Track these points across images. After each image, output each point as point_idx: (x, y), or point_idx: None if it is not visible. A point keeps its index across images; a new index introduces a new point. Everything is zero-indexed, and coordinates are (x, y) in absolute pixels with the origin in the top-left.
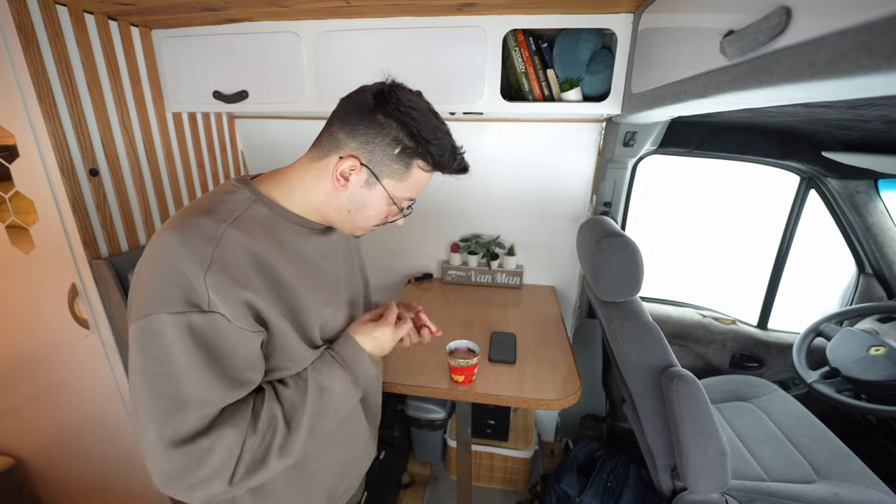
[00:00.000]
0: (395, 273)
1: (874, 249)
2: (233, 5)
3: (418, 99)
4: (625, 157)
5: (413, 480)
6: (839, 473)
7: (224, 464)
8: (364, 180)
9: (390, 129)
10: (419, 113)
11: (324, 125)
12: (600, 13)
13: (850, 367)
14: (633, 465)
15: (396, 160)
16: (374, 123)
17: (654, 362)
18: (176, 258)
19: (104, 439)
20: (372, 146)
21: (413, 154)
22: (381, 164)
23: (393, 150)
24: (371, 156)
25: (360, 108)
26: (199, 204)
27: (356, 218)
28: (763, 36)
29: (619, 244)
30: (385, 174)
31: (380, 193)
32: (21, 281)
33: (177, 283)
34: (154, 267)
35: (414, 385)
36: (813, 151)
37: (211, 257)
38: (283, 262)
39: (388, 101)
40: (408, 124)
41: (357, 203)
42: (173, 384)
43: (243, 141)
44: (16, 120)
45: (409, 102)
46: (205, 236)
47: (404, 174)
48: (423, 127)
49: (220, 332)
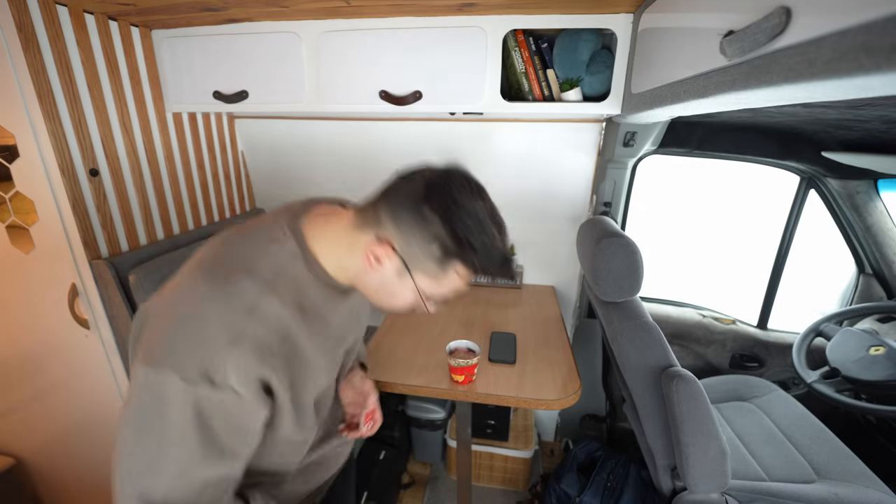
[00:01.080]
0: None
1: (874, 249)
2: (233, 5)
3: (476, 201)
4: (625, 157)
5: (413, 480)
6: (839, 473)
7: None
8: (396, 269)
9: (433, 226)
10: (472, 217)
11: (377, 192)
12: (600, 13)
13: (849, 367)
14: (633, 465)
15: (435, 261)
16: (418, 214)
17: (654, 362)
18: (207, 324)
19: (104, 439)
20: (409, 237)
21: (454, 256)
22: (416, 258)
23: (430, 246)
24: (407, 247)
25: (408, 193)
26: (244, 254)
27: (383, 299)
28: (763, 36)
29: (619, 244)
30: (419, 269)
31: (410, 288)
32: (21, 281)
33: (199, 349)
34: (183, 321)
35: (414, 385)
36: (813, 151)
37: (243, 333)
38: (307, 332)
39: (437, 194)
40: (453, 225)
41: (386, 288)
42: (155, 443)
43: (243, 141)
44: (16, 120)
45: (462, 200)
46: (243, 308)
47: (439, 275)
48: (472, 232)
49: (224, 409)
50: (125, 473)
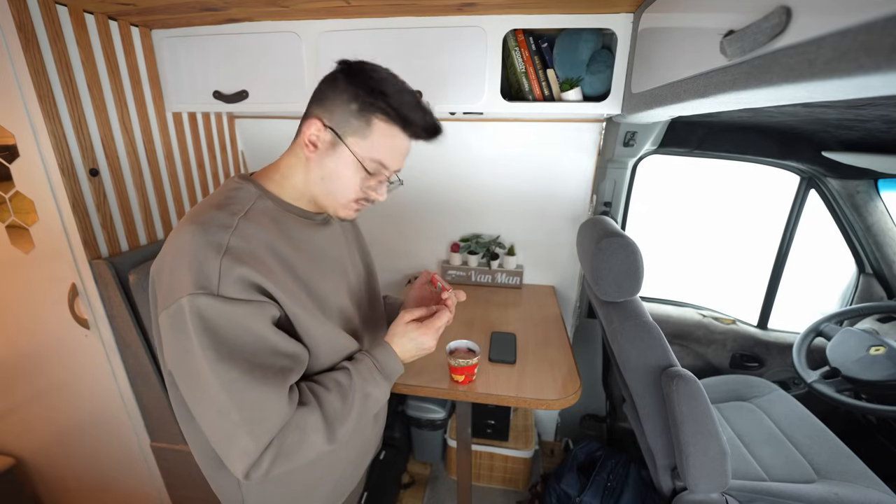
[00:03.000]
0: (395, 273)
1: (874, 249)
2: (233, 5)
3: (383, 68)
4: (625, 157)
5: (413, 480)
6: (839, 473)
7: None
8: (329, 142)
9: (348, 87)
10: (381, 74)
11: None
12: (600, 13)
13: (850, 366)
14: (633, 465)
15: (356, 115)
16: (336, 87)
17: (654, 362)
18: (192, 247)
19: (104, 439)
20: (331, 107)
21: (372, 108)
22: (343, 122)
23: (350, 105)
24: (332, 116)
25: (327, 79)
26: (210, 201)
27: (331, 188)
28: (763, 36)
29: (619, 244)
30: (347, 133)
31: (346, 155)
32: (21, 281)
33: (192, 270)
34: (172, 259)
35: (414, 385)
36: (813, 151)
37: (227, 244)
38: (295, 252)
39: (352, 67)
40: (366, 81)
41: (328, 169)
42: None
43: (243, 141)
44: (16, 120)
45: (373, 68)
46: (220, 225)
47: (366, 131)
48: (383, 84)
49: (229, 318)
50: (211, 433)
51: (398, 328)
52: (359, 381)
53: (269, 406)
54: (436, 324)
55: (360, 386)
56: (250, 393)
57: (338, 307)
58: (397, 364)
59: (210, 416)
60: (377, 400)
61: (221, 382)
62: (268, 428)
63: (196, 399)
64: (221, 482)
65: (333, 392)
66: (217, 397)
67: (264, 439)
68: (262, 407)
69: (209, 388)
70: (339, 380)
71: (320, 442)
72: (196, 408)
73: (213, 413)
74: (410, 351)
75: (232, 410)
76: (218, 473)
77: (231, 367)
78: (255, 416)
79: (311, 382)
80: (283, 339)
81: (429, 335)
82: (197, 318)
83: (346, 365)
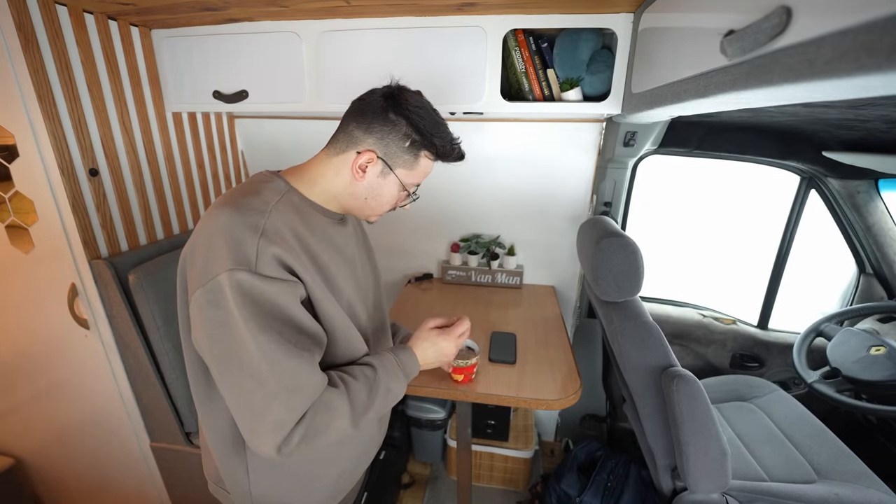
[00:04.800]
0: (395, 273)
1: (874, 249)
2: (233, 5)
3: (420, 98)
4: (625, 157)
5: (413, 480)
6: (839, 473)
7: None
8: (379, 171)
9: (401, 126)
10: (424, 111)
11: (339, 124)
12: (600, 13)
13: (850, 367)
14: (633, 465)
15: (407, 152)
16: (388, 122)
17: (654, 362)
18: (230, 227)
19: (104, 439)
20: (387, 141)
21: (420, 146)
22: (395, 156)
23: (404, 144)
24: (386, 149)
25: (373, 109)
26: (242, 188)
27: (372, 204)
28: (763, 36)
29: (619, 244)
30: (398, 164)
31: (393, 181)
32: (21, 281)
33: (231, 248)
34: (208, 238)
35: (414, 385)
36: (813, 151)
37: (263, 226)
38: (318, 243)
39: (397, 101)
40: (415, 121)
41: (373, 191)
42: (237, 361)
43: (243, 141)
44: (16, 120)
45: (414, 102)
46: (256, 209)
47: (413, 164)
48: (428, 123)
49: (266, 296)
50: (244, 407)
51: (422, 333)
52: (383, 374)
53: (304, 377)
54: (456, 331)
55: (384, 380)
56: (287, 363)
57: (349, 301)
58: (416, 366)
59: (246, 387)
60: (396, 396)
61: (262, 352)
62: (302, 398)
63: (232, 373)
64: (231, 468)
65: (360, 381)
66: (257, 367)
67: (298, 411)
68: (298, 377)
69: (249, 359)
70: (366, 372)
71: (345, 426)
72: (230, 382)
73: (250, 384)
74: (431, 356)
75: (270, 379)
76: (230, 459)
77: (270, 338)
78: (292, 385)
79: (340, 371)
80: (308, 319)
81: (450, 341)
82: (237, 292)
83: (370, 360)
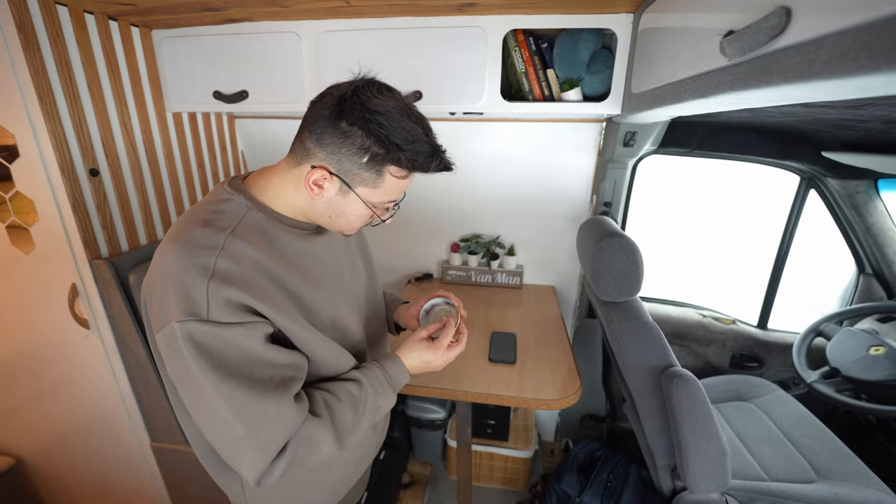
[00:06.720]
0: (395, 273)
1: (874, 249)
2: (233, 5)
3: (387, 100)
4: (625, 157)
5: (413, 480)
6: (839, 473)
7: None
8: (337, 188)
9: (355, 138)
10: (387, 117)
11: (300, 127)
12: (600, 13)
13: (850, 366)
14: (633, 465)
15: (366, 168)
16: (338, 132)
17: (654, 362)
18: (178, 270)
19: (105, 439)
20: (339, 156)
21: (384, 160)
22: (351, 172)
23: (361, 159)
24: (340, 165)
25: (324, 116)
26: (197, 214)
27: (339, 222)
28: (763, 36)
29: (619, 244)
30: (357, 182)
31: (355, 200)
32: (21, 281)
33: (180, 294)
34: (160, 280)
35: (414, 385)
36: (813, 151)
37: (213, 267)
38: (286, 267)
39: (350, 107)
40: (374, 131)
41: (335, 209)
42: (199, 398)
43: (243, 141)
44: (16, 120)
45: (374, 106)
46: (206, 246)
47: (376, 181)
48: (393, 132)
49: (220, 340)
50: (218, 445)
51: (411, 343)
52: (371, 393)
53: (274, 419)
54: (443, 344)
55: (371, 399)
56: (254, 409)
57: (332, 316)
58: (405, 376)
59: (216, 430)
60: (384, 410)
61: (224, 401)
62: (275, 440)
63: (201, 415)
64: (227, 482)
65: (345, 403)
66: (222, 414)
67: (272, 450)
68: (267, 421)
69: (213, 406)
70: (352, 391)
71: (330, 450)
72: (201, 422)
73: (219, 427)
74: (419, 368)
75: (237, 426)
76: (223, 476)
77: (233, 386)
78: (261, 430)
79: (325, 392)
80: (278, 353)
81: (437, 355)
82: (190, 344)
83: (357, 377)
